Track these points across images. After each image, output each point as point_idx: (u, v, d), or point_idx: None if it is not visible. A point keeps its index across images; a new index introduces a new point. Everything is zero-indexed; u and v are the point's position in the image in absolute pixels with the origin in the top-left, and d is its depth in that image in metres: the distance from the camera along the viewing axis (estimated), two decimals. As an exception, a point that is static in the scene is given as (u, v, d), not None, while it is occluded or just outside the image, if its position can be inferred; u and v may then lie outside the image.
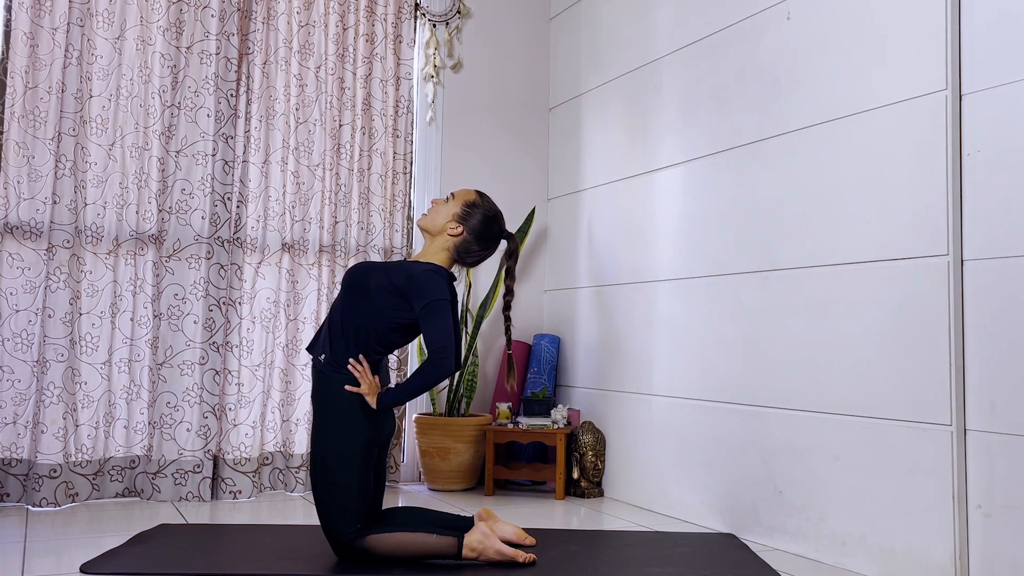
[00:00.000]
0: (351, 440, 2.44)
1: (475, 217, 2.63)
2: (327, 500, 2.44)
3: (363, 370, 2.47)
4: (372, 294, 2.50)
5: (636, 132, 3.69)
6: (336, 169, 3.81)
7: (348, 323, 2.51)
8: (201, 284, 3.49)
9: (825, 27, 2.81)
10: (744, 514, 3.00)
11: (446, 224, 2.62)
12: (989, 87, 2.34)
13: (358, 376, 2.47)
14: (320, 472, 2.45)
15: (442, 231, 2.62)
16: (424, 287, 2.48)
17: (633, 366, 3.61)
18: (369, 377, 2.48)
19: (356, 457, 2.44)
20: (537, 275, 4.31)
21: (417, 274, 2.51)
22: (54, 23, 3.34)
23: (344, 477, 2.43)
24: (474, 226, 2.62)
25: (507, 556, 2.48)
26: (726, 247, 3.15)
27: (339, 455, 2.43)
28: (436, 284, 2.50)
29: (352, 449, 2.44)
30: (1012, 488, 2.24)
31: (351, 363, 2.47)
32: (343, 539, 2.43)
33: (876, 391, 2.56)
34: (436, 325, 2.45)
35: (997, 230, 2.31)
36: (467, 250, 2.64)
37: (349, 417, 2.46)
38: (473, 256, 2.66)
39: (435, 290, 2.48)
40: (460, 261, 2.66)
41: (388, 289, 2.50)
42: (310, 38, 3.79)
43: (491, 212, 2.66)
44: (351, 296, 2.53)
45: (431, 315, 2.46)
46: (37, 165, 3.31)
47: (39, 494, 3.19)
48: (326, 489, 2.43)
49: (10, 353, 3.25)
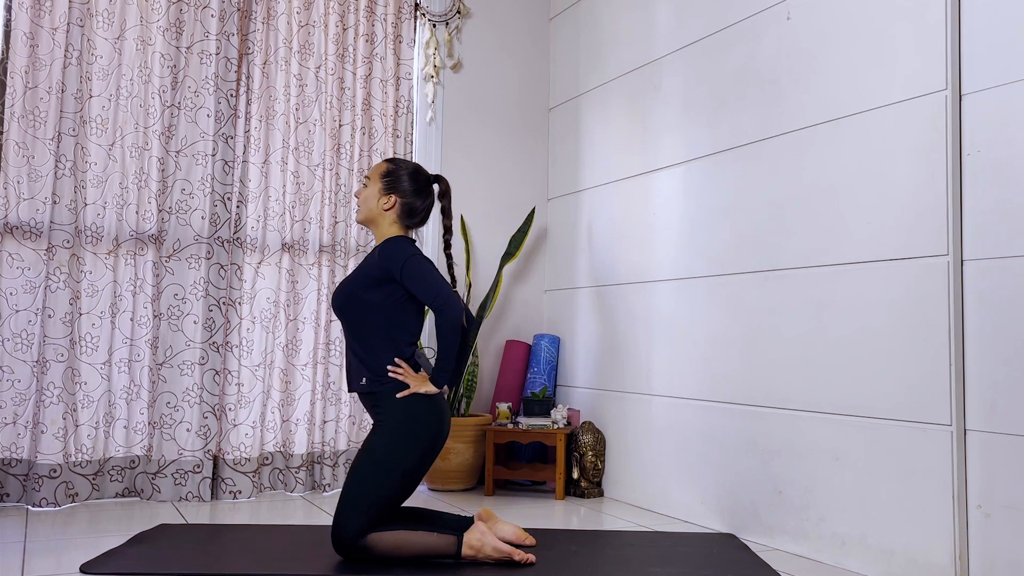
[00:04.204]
0: (406, 454, 2.48)
1: (399, 178, 2.68)
2: (353, 501, 2.46)
3: (404, 369, 2.53)
4: (361, 298, 2.56)
5: (636, 132, 3.69)
6: (336, 169, 3.81)
7: (365, 338, 2.57)
8: (201, 284, 3.49)
9: (825, 27, 2.81)
10: (744, 514, 3.00)
11: (378, 203, 2.67)
12: (989, 87, 2.35)
13: (403, 377, 2.52)
14: (361, 477, 2.48)
15: (379, 211, 2.68)
16: (391, 255, 2.56)
17: (633, 366, 3.61)
18: (412, 372, 2.54)
19: (403, 474, 2.47)
20: (537, 275, 4.31)
21: (379, 252, 2.59)
22: (54, 23, 3.34)
23: (381, 489, 2.46)
24: (403, 187, 2.68)
25: (505, 553, 2.49)
26: (726, 247, 3.15)
27: (387, 469, 2.47)
28: (399, 247, 2.58)
29: (402, 464, 2.47)
30: (1012, 488, 2.24)
31: (390, 370, 2.53)
32: (346, 537, 2.43)
33: (876, 391, 2.56)
34: (421, 278, 2.53)
35: (997, 230, 2.31)
36: (410, 211, 2.69)
37: (407, 428, 2.49)
38: (418, 212, 2.71)
39: (400, 252, 2.56)
40: (411, 224, 2.72)
41: (369, 283, 2.56)
42: (310, 38, 3.79)
43: (410, 166, 2.72)
44: (348, 314, 2.59)
45: (411, 274, 2.53)
46: (37, 165, 3.31)
47: (39, 494, 3.19)
48: (359, 492, 2.46)
49: (10, 353, 3.25)
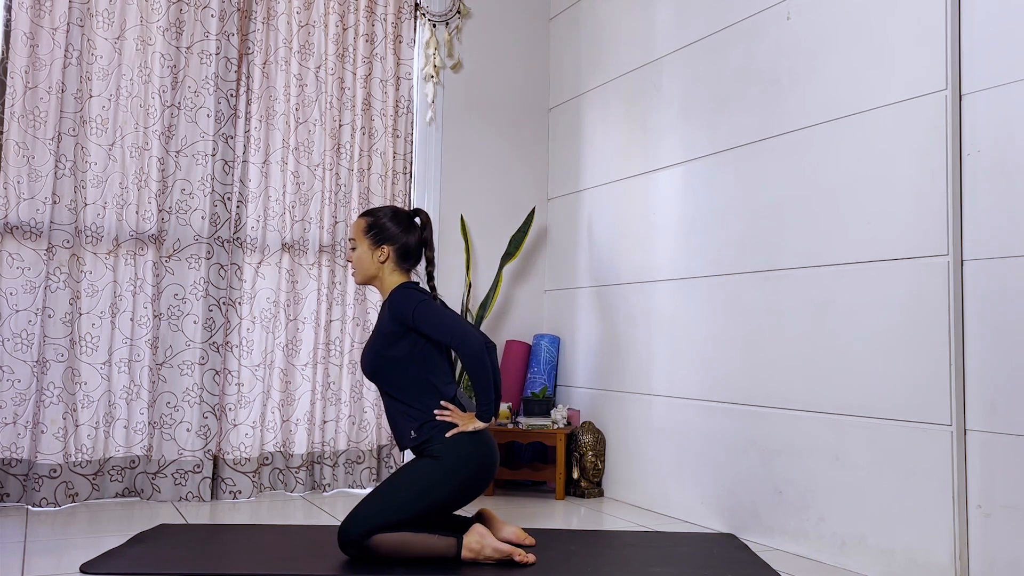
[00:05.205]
0: (445, 486, 2.50)
1: (383, 227, 2.70)
2: (375, 506, 2.48)
3: (451, 411, 2.58)
4: (389, 356, 2.60)
5: (636, 132, 3.69)
6: (336, 169, 3.80)
7: (406, 391, 2.61)
8: (201, 284, 3.49)
9: (825, 27, 2.81)
10: (744, 514, 3.00)
11: (373, 259, 2.70)
12: (989, 87, 2.34)
13: (451, 417, 2.57)
14: (394, 489, 2.50)
15: (376, 267, 2.70)
16: (401, 306, 2.60)
17: (633, 366, 3.61)
18: (460, 412, 2.59)
19: (434, 502, 2.49)
20: (537, 275, 4.31)
21: (388, 306, 2.64)
22: (54, 23, 3.34)
23: (406, 509, 2.47)
24: (390, 233, 2.70)
25: (505, 553, 2.49)
26: (726, 247, 3.15)
27: (421, 492, 2.48)
28: (405, 296, 2.62)
29: (437, 494, 2.49)
30: (1012, 488, 2.24)
31: (438, 413, 2.57)
32: (354, 534, 2.45)
33: (876, 391, 2.56)
34: (433, 321, 2.57)
35: (997, 230, 2.31)
36: (404, 254, 2.71)
37: (452, 462, 2.51)
38: (413, 252, 2.73)
39: (409, 300, 2.60)
40: (410, 266, 2.75)
41: (390, 340, 2.61)
42: (310, 38, 3.78)
43: (387, 211, 2.74)
44: (382, 375, 2.64)
45: (423, 319, 2.57)
46: (37, 165, 3.31)
47: (39, 494, 3.19)
48: (385, 502, 2.48)
49: (10, 353, 3.25)
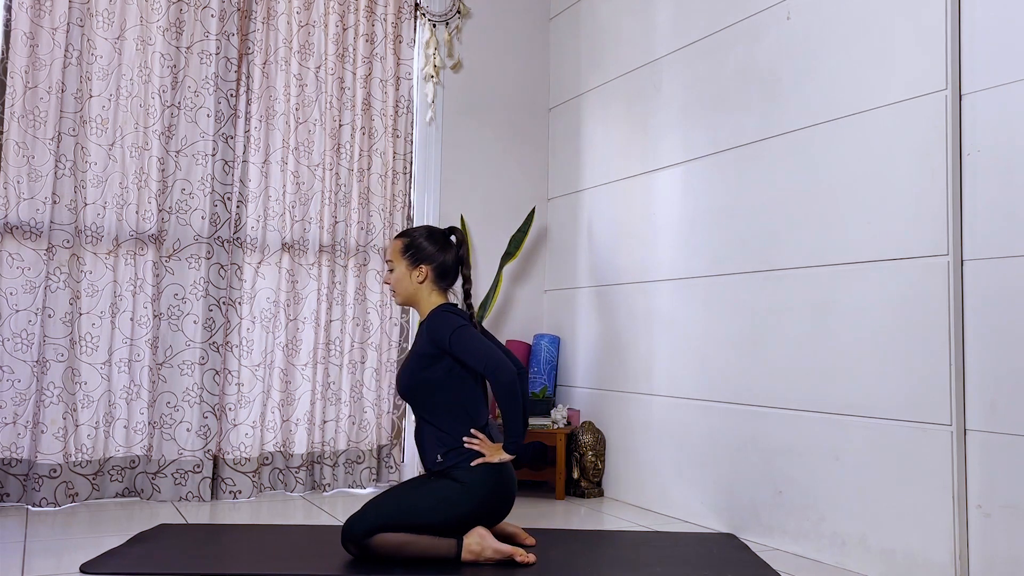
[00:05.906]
0: (458, 506, 2.49)
1: (420, 247, 2.69)
2: (384, 509, 2.48)
3: (480, 440, 2.57)
4: (425, 378, 2.59)
5: (636, 132, 3.69)
6: (336, 169, 3.80)
7: (438, 415, 2.60)
8: (201, 284, 3.49)
9: (825, 27, 2.81)
10: (744, 514, 3.00)
11: (411, 280, 2.68)
12: (989, 87, 2.34)
13: (479, 447, 2.55)
14: (408, 496, 2.51)
15: (415, 287, 2.69)
16: (438, 329, 2.58)
17: (633, 366, 3.61)
18: (489, 442, 2.58)
19: (445, 520, 2.48)
20: (537, 275, 4.31)
21: (427, 328, 2.61)
22: (54, 23, 3.34)
23: (415, 517, 2.47)
24: (426, 253, 2.68)
25: (505, 553, 2.49)
26: (726, 247, 3.15)
27: (434, 506, 2.48)
28: (444, 319, 2.60)
29: (450, 511, 2.49)
30: (1012, 488, 2.24)
31: (467, 441, 2.56)
32: (358, 531, 2.46)
33: (876, 391, 2.56)
34: (470, 348, 2.55)
35: (997, 230, 2.31)
36: (442, 273, 2.70)
37: (470, 487, 2.51)
38: (450, 271, 2.72)
39: (447, 324, 2.58)
40: (448, 285, 2.73)
41: (427, 362, 2.59)
42: (310, 38, 3.78)
43: (423, 231, 2.74)
44: (417, 396, 2.63)
45: (460, 343, 2.55)
46: (37, 165, 3.31)
47: (39, 494, 3.19)
48: (395, 507, 2.49)
49: (10, 353, 3.25)
